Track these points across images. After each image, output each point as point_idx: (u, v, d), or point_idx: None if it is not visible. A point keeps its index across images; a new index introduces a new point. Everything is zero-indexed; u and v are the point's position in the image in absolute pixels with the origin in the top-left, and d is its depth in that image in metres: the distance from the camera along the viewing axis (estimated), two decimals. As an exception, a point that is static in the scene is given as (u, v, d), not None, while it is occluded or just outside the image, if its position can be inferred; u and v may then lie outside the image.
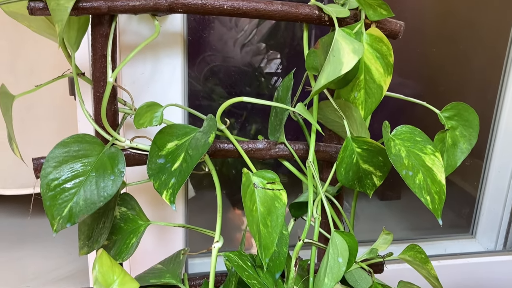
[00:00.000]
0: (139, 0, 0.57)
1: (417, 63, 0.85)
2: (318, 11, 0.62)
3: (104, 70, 0.59)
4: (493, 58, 0.83)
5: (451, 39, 0.82)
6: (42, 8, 0.54)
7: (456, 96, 0.85)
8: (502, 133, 0.85)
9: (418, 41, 0.82)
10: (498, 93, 0.84)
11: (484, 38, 0.82)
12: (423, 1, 0.79)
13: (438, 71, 0.84)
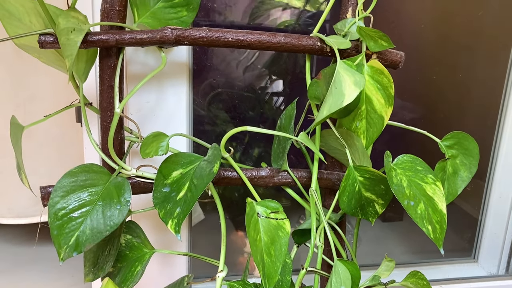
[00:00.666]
0: (146, 33, 0.59)
1: (418, 90, 0.86)
2: (320, 42, 0.63)
3: (111, 100, 0.60)
4: (493, 84, 0.85)
5: (450, 66, 0.83)
6: (52, 41, 0.55)
7: (456, 122, 0.87)
8: (503, 159, 0.85)
9: (418, 68, 0.83)
10: (498, 119, 0.85)
11: (483, 65, 0.84)
12: (423, 29, 0.81)
13: (438, 97, 0.86)
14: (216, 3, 0.82)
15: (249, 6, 0.88)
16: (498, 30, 0.82)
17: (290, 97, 0.90)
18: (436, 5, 0.81)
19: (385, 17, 0.80)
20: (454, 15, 0.81)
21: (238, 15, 0.87)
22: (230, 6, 0.87)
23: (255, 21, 0.89)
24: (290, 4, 0.93)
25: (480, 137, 0.89)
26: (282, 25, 0.94)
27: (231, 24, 0.86)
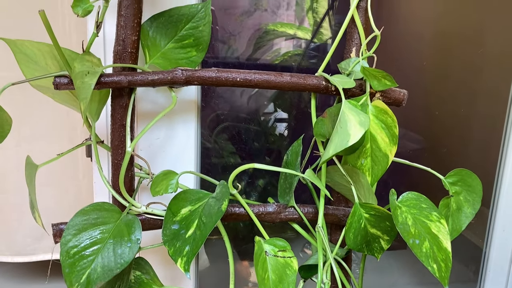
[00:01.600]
0: (157, 74, 0.61)
1: (421, 125, 0.88)
2: (325, 82, 0.65)
3: (122, 139, 0.62)
4: (494, 119, 0.86)
5: (452, 102, 0.85)
6: (66, 83, 0.57)
7: (459, 156, 0.88)
8: (505, 192, 0.86)
9: (421, 104, 0.85)
10: (499, 153, 0.86)
11: (484, 100, 0.86)
12: (425, 66, 0.83)
13: (441, 131, 0.87)
14: (220, 33, 0.84)
15: (253, 35, 0.90)
16: (498, 66, 0.84)
17: (295, 129, 0.91)
18: (437, 43, 0.83)
19: (388, 55, 0.83)
20: (455, 52, 0.83)
21: (242, 44, 0.90)
22: (234, 35, 0.89)
23: (259, 50, 0.92)
24: (294, 35, 0.95)
25: (482, 171, 0.90)
26: (286, 56, 0.97)
27: (236, 59, 0.88)
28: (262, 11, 0.89)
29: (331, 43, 0.92)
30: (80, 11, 0.51)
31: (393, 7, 0.83)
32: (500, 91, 0.85)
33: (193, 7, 0.66)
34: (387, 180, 0.62)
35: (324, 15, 0.88)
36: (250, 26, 0.90)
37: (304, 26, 0.93)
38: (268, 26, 0.91)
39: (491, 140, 0.87)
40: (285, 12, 0.92)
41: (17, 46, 0.57)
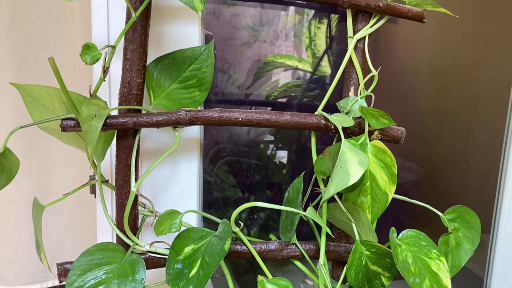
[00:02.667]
0: (162, 116, 0.62)
1: (419, 161, 0.89)
2: (324, 120, 0.67)
3: (127, 178, 0.63)
4: (490, 153, 0.88)
5: (449, 137, 0.87)
6: (73, 125, 0.59)
7: (457, 190, 0.89)
8: (503, 225, 0.87)
9: (419, 140, 0.87)
10: (497, 187, 0.88)
11: (480, 135, 0.87)
12: (422, 103, 0.85)
13: (439, 166, 0.89)
14: (220, 63, 0.86)
15: (253, 66, 0.92)
16: (493, 101, 0.86)
17: (295, 163, 0.93)
18: (433, 81, 0.85)
19: (386, 93, 0.85)
20: (450, 90, 0.86)
21: (242, 74, 0.92)
22: (234, 65, 0.91)
23: (258, 80, 0.94)
24: (292, 66, 0.98)
25: (481, 203, 0.91)
26: (285, 87, 0.99)
27: (237, 88, 0.90)
28: (261, 42, 0.92)
29: (329, 75, 0.94)
30: (88, 59, 0.53)
31: (389, 46, 0.86)
32: (495, 125, 0.86)
33: (196, 49, 0.68)
34: (387, 208, 0.64)
35: (323, 53, 0.90)
36: (249, 57, 0.92)
37: (302, 57, 0.95)
38: (268, 57, 0.93)
39: (488, 175, 0.88)
40: (283, 43, 0.94)
41: (26, 90, 0.58)
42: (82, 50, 0.53)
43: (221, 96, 0.89)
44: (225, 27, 0.87)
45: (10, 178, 0.57)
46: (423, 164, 0.89)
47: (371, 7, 0.67)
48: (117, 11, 0.67)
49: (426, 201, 0.70)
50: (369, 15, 0.69)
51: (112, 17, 0.68)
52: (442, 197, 0.90)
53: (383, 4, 0.67)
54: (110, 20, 0.68)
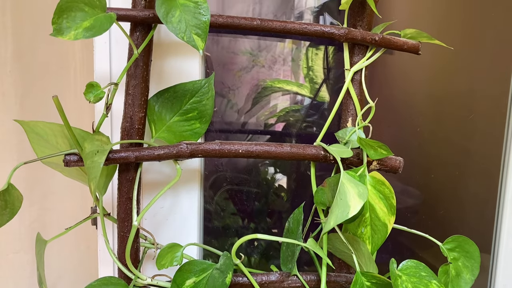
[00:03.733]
0: (163, 149, 0.63)
1: (417, 188, 0.90)
2: (323, 151, 0.68)
3: (129, 211, 0.64)
4: (488, 179, 0.89)
5: (447, 164, 0.88)
6: (76, 160, 0.60)
7: (456, 217, 0.90)
8: (503, 251, 0.88)
9: (417, 168, 0.88)
10: (496, 213, 0.88)
11: (478, 162, 0.89)
12: (419, 131, 0.86)
13: (437, 194, 0.90)
14: (219, 87, 0.87)
15: (252, 90, 0.93)
16: (489, 131, 0.88)
17: (295, 191, 0.93)
18: (430, 109, 0.87)
19: (383, 122, 0.86)
20: (447, 118, 0.87)
21: (241, 99, 0.93)
22: (233, 90, 0.93)
23: (257, 105, 0.95)
24: (290, 91, 0.99)
25: (479, 231, 0.91)
26: (283, 111, 1.00)
27: (236, 112, 0.91)
28: (260, 67, 0.93)
29: (327, 101, 0.95)
30: (92, 98, 0.54)
31: (385, 75, 0.87)
32: (492, 152, 0.87)
33: (197, 82, 0.69)
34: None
35: (321, 84, 0.92)
36: (248, 81, 0.94)
37: (300, 82, 0.97)
38: (266, 82, 0.94)
39: (488, 199, 0.89)
40: (281, 67, 0.95)
41: (30, 126, 0.59)
42: (86, 89, 0.54)
43: (220, 119, 0.90)
44: (224, 51, 0.89)
45: (13, 213, 0.58)
46: (422, 191, 0.90)
47: (367, 40, 0.68)
48: (119, 47, 0.69)
49: (425, 228, 0.71)
50: (365, 47, 0.70)
51: (114, 52, 0.70)
52: (441, 224, 0.90)
53: (379, 37, 0.68)
54: (112, 55, 0.70)
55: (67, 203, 0.98)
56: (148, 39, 0.62)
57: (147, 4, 0.62)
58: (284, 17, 0.92)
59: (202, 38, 0.57)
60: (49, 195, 0.98)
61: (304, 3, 0.93)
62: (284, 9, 0.91)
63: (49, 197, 0.98)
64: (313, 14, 0.89)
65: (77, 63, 0.92)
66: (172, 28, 0.56)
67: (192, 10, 0.57)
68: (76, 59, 0.92)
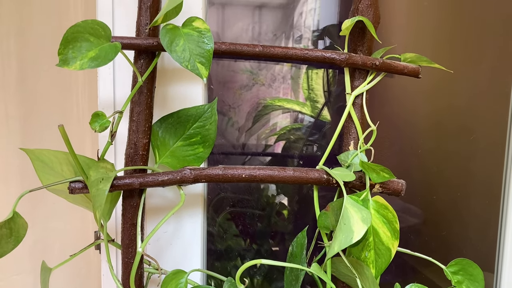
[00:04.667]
0: (167, 175, 0.64)
1: (419, 210, 0.91)
2: (326, 175, 0.68)
3: (133, 238, 0.64)
4: (490, 202, 0.89)
5: (449, 187, 0.88)
6: (81, 188, 0.60)
7: (459, 238, 0.90)
8: (507, 272, 0.88)
9: (418, 190, 0.88)
10: (498, 235, 0.89)
11: (479, 185, 0.89)
12: (420, 153, 0.86)
13: (439, 217, 0.90)
14: (219, 105, 0.87)
15: (252, 108, 0.94)
16: (490, 152, 0.88)
17: (298, 212, 0.93)
18: (431, 133, 0.88)
19: (385, 144, 0.87)
20: (448, 141, 0.88)
21: (242, 117, 0.93)
22: (234, 108, 0.93)
23: (258, 123, 0.95)
24: (291, 109, 0.99)
25: (482, 252, 0.91)
26: (284, 130, 1.00)
27: (236, 130, 0.91)
28: (260, 85, 0.94)
29: (329, 121, 0.95)
30: (97, 127, 0.54)
31: (387, 98, 0.88)
32: (494, 173, 0.88)
33: (200, 108, 0.70)
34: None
35: (322, 107, 0.93)
36: (248, 99, 0.94)
37: (300, 100, 0.97)
38: (267, 101, 0.95)
39: (490, 220, 0.89)
40: (281, 85, 0.96)
41: (35, 154, 0.60)
42: (91, 118, 0.55)
43: (221, 137, 0.90)
44: (224, 70, 0.90)
45: (18, 241, 0.58)
46: (424, 212, 0.90)
47: (368, 65, 0.69)
48: (123, 72, 0.70)
49: (428, 249, 0.71)
50: (366, 71, 0.71)
51: (118, 78, 0.70)
52: (445, 245, 0.90)
53: (380, 62, 0.69)
54: (116, 81, 0.71)
55: (69, 224, 0.99)
56: (152, 67, 0.63)
57: (151, 32, 0.63)
58: (284, 35, 0.93)
59: (205, 66, 0.58)
60: (52, 215, 0.98)
61: (303, 22, 0.94)
62: (283, 28, 0.92)
63: (52, 218, 0.98)
64: (313, 38, 0.90)
65: (80, 86, 0.93)
66: (177, 57, 0.57)
67: (196, 39, 0.58)
68: (79, 83, 0.92)
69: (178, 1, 0.57)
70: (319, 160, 0.71)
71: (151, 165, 0.67)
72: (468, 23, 0.88)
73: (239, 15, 0.89)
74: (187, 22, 0.59)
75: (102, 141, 0.67)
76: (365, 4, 0.70)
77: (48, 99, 0.91)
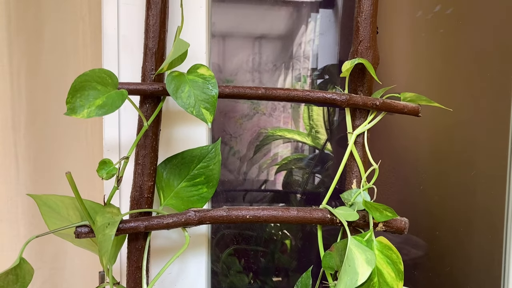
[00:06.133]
0: (172, 217, 0.64)
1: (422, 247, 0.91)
2: (330, 215, 0.69)
3: (138, 281, 0.64)
4: (492, 237, 0.90)
5: (452, 222, 0.89)
6: (87, 232, 0.60)
7: (463, 273, 0.90)
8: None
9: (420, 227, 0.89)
10: (502, 269, 0.89)
11: (481, 219, 0.89)
12: (422, 190, 0.87)
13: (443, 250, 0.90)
14: (221, 134, 0.88)
15: (253, 138, 0.95)
16: (491, 187, 0.89)
17: (301, 250, 0.93)
18: (431, 171, 0.88)
19: (388, 180, 0.87)
20: (449, 176, 0.88)
21: (243, 146, 0.94)
22: (235, 137, 0.94)
23: (259, 153, 0.96)
24: (291, 139, 1.00)
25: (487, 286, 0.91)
26: (285, 160, 1.01)
27: (238, 159, 0.92)
28: (261, 115, 0.95)
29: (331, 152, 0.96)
30: (104, 175, 0.55)
31: (389, 136, 0.89)
32: (495, 208, 0.88)
33: (204, 148, 0.71)
34: None
35: (324, 143, 0.94)
36: (249, 128, 0.95)
37: (300, 130, 0.98)
38: (268, 131, 0.96)
39: (493, 254, 0.89)
40: (281, 114, 0.97)
41: (42, 200, 0.61)
42: (98, 166, 0.55)
43: (223, 166, 0.91)
44: (225, 100, 0.91)
45: (24, 287, 0.58)
46: (427, 247, 0.90)
47: (368, 105, 0.71)
48: (128, 114, 0.71)
49: (433, 286, 0.71)
50: (366, 111, 0.73)
51: (123, 120, 0.72)
52: (449, 281, 0.90)
53: (380, 102, 0.71)
54: (121, 122, 0.72)
55: (76, 263, 0.98)
56: (157, 111, 0.64)
57: (156, 78, 0.65)
58: (283, 65, 0.95)
59: (210, 111, 0.59)
60: (60, 256, 0.98)
61: (302, 52, 0.96)
62: (283, 58, 0.94)
63: (60, 258, 0.98)
64: (314, 78, 0.92)
65: (90, 126, 0.94)
66: (182, 103, 0.58)
67: (201, 85, 0.60)
68: (88, 122, 0.94)
69: (183, 50, 0.58)
70: (321, 193, 0.71)
71: (155, 206, 0.68)
72: (466, 57, 0.90)
73: (239, 47, 0.91)
74: (192, 69, 0.61)
75: (108, 185, 0.68)
76: (364, 46, 0.72)
77: (57, 140, 0.93)
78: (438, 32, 0.88)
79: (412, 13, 0.89)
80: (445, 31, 0.89)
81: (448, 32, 0.89)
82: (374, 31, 0.73)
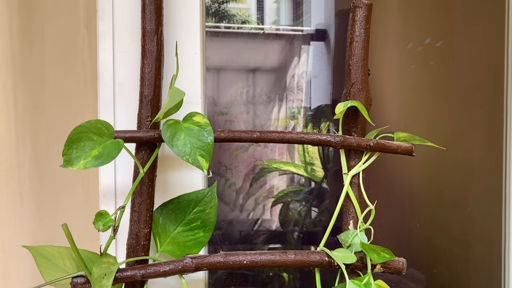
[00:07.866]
0: (168, 265, 0.64)
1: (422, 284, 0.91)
2: (327, 257, 0.68)
3: (135, 331, 0.63)
4: (490, 275, 0.90)
5: (449, 260, 0.89)
6: (83, 282, 0.60)
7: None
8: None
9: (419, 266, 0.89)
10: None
11: (479, 256, 0.90)
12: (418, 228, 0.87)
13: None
14: (216, 166, 0.88)
15: (250, 170, 0.95)
16: (487, 223, 0.89)
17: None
18: (427, 205, 0.89)
19: (383, 221, 0.88)
20: (445, 213, 0.89)
21: (239, 179, 0.94)
22: (230, 169, 0.94)
23: (254, 185, 0.96)
24: (287, 171, 1.01)
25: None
26: (282, 193, 1.01)
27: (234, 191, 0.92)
28: (256, 146, 0.95)
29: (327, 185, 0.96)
30: (100, 226, 0.55)
31: (384, 175, 0.90)
32: (492, 243, 0.89)
33: (200, 192, 0.71)
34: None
35: (321, 180, 0.94)
36: (245, 160, 0.95)
37: (296, 163, 0.99)
38: (264, 163, 0.96)
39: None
40: (276, 145, 0.98)
41: (37, 251, 0.60)
42: (95, 218, 0.55)
43: (219, 199, 0.90)
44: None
45: None
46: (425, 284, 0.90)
47: (362, 146, 0.71)
48: (124, 159, 0.71)
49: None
50: (361, 151, 0.73)
51: (119, 165, 0.72)
52: None
53: (374, 143, 0.71)
54: (117, 168, 0.72)
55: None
56: (153, 158, 0.64)
57: (151, 125, 0.65)
58: (277, 97, 0.96)
59: (206, 159, 0.60)
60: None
61: (295, 84, 0.98)
62: (276, 90, 0.95)
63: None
64: (308, 118, 0.93)
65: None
66: (178, 151, 0.59)
67: (197, 133, 0.60)
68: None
69: (179, 99, 0.59)
70: (319, 232, 0.71)
71: (152, 253, 0.68)
72: (457, 91, 0.91)
73: (233, 79, 0.92)
74: (188, 117, 0.62)
75: (104, 235, 0.68)
76: (356, 88, 0.73)
77: (59, 178, 0.94)
78: (428, 64, 0.90)
79: (402, 46, 0.91)
80: (435, 64, 0.90)
81: (437, 64, 0.90)
82: (365, 73, 0.74)
